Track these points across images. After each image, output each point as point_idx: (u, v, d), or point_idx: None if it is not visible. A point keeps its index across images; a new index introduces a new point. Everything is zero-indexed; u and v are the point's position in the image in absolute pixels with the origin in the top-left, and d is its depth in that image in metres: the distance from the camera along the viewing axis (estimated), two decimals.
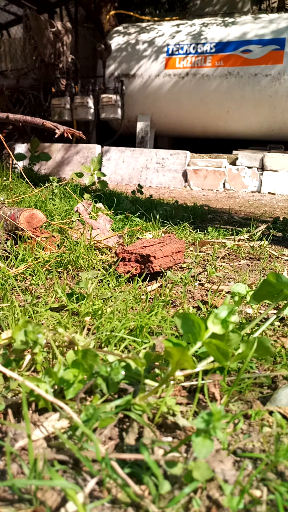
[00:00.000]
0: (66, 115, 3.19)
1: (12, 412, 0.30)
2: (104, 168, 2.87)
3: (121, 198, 1.47)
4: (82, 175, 1.48)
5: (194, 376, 0.36)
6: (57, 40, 3.22)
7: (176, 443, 0.28)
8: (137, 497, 0.23)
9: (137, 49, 3.24)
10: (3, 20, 3.86)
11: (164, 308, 0.50)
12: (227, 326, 0.30)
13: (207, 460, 0.27)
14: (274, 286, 0.36)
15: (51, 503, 0.23)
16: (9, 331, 0.37)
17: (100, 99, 3.11)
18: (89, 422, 0.27)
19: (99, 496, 0.24)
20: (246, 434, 0.30)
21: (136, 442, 0.28)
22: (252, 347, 0.30)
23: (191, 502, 0.24)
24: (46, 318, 0.44)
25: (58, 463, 0.26)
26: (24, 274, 0.60)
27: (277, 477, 0.26)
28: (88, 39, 3.91)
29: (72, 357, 0.31)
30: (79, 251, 0.66)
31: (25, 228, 0.70)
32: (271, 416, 0.32)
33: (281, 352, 0.41)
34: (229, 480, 0.25)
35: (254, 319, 0.41)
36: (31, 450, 0.24)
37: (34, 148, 1.51)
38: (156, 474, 0.24)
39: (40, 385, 0.29)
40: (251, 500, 0.24)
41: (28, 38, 3.17)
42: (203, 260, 0.78)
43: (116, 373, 0.30)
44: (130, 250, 0.62)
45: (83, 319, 0.45)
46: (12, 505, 0.23)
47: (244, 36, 2.81)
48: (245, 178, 2.64)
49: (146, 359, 0.30)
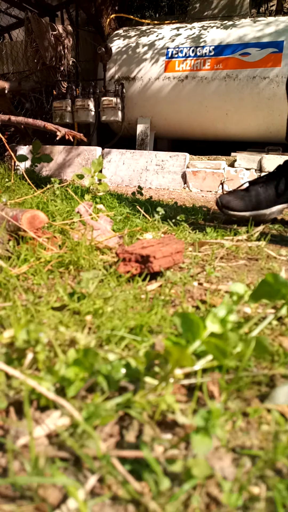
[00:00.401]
0: (67, 117, 3.21)
1: (14, 410, 0.31)
2: (105, 170, 2.88)
3: (121, 199, 1.47)
4: (83, 177, 1.49)
5: (193, 374, 0.36)
6: (58, 43, 3.25)
7: (176, 440, 0.28)
8: (137, 494, 0.24)
9: (137, 52, 3.26)
10: (5, 23, 3.89)
11: (164, 308, 0.51)
12: (225, 325, 0.31)
13: (206, 457, 0.27)
14: (272, 286, 0.36)
15: (52, 499, 0.24)
16: (11, 330, 0.37)
17: (101, 102, 3.13)
18: (90, 419, 0.27)
19: (100, 492, 0.24)
20: (245, 431, 0.30)
21: (136, 439, 0.29)
22: (250, 345, 0.30)
23: (191, 499, 0.24)
24: (47, 317, 0.44)
25: (59, 460, 0.26)
26: (26, 274, 0.61)
27: (275, 474, 0.26)
28: (89, 42, 3.94)
29: (73, 355, 0.31)
30: (80, 251, 0.67)
31: (27, 228, 0.71)
32: (269, 414, 0.32)
33: (278, 350, 0.41)
34: (228, 477, 0.26)
35: (252, 319, 0.41)
36: (32, 447, 0.24)
37: (36, 150, 1.52)
38: (156, 471, 0.25)
39: (41, 383, 0.30)
40: (250, 497, 0.24)
41: (30, 41, 3.19)
42: (202, 260, 0.78)
43: (116, 371, 0.30)
44: (130, 250, 0.62)
45: (84, 318, 0.45)
46: (14, 502, 0.23)
47: (243, 39, 2.83)
48: (243, 179, 2.64)
49: (146, 357, 0.31)
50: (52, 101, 3.29)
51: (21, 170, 1.59)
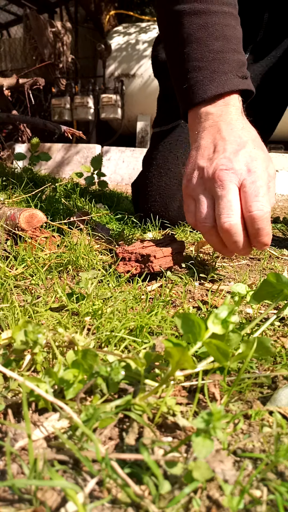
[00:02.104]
0: (66, 115, 3.19)
1: (12, 412, 0.30)
2: (104, 168, 2.88)
3: (121, 198, 1.47)
4: (82, 175, 1.48)
5: (194, 376, 0.36)
6: (57, 40, 3.23)
7: (176, 443, 0.28)
8: (137, 497, 0.23)
9: (137, 49, 3.24)
10: (3, 20, 3.86)
11: (164, 308, 0.50)
12: (227, 326, 0.30)
13: (207, 460, 0.27)
14: (274, 286, 0.36)
15: (51, 503, 0.23)
16: (9, 331, 0.37)
17: (100, 99, 3.11)
18: (89, 422, 0.27)
19: (99, 496, 0.24)
20: (246, 434, 0.30)
21: (136, 442, 0.28)
22: (252, 347, 0.30)
23: (191, 502, 0.24)
24: (46, 318, 0.44)
25: (58, 463, 0.26)
26: (24, 274, 0.60)
27: (277, 477, 0.26)
28: (88, 39, 3.91)
29: (72, 357, 0.31)
30: (79, 251, 0.66)
31: (25, 228, 0.70)
32: (271, 416, 0.32)
33: (281, 352, 0.41)
34: (229, 480, 0.25)
35: (254, 319, 0.41)
36: (31, 450, 0.24)
37: (34, 148, 1.51)
38: (156, 474, 0.24)
39: (40, 385, 0.29)
40: (251, 500, 0.24)
41: (28, 38, 3.17)
42: (203, 260, 0.78)
43: (116, 373, 0.30)
44: (130, 250, 0.62)
45: (83, 319, 0.45)
46: (12, 505, 0.23)
47: None
48: None
49: (146, 359, 0.30)
50: (51, 98, 3.27)
51: (19, 169, 1.58)
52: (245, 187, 0.51)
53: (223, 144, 0.54)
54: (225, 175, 0.52)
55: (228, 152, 0.53)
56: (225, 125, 0.56)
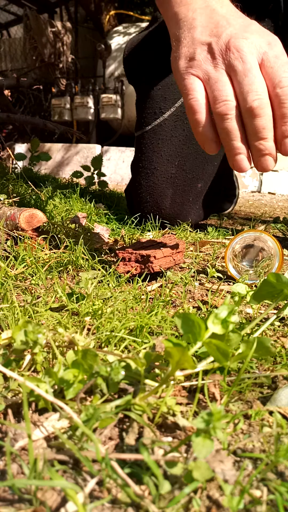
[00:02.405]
0: (66, 115, 3.19)
1: (12, 412, 0.30)
2: (104, 168, 2.87)
3: (121, 198, 1.47)
4: (82, 175, 1.48)
5: (194, 376, 0.36)
6: (57, 40, 3.23)
7: (176, 443, 0.28)
8: (137, 497, 0.23)
9: None
10: (3, 20, 3.86)
11: (164, 308, 0.50)
12: (227, 326, 0.30)
13: (207, 460, 0.27)
14: (274, 286, 0.36)
15: (51, 503, 0.23)
16: (9, 331, 0.37)
17: (100, 99, 3.11)
18: (89, 422, 0.27)
19: (99, 496, 0.24)
20: (246, 434, 0.30)
21: (136, 442, 0.28)
22: (252, 347, 0.30)
23: (191, 502, 0.24)
24: (46, 318, 0.44)
25: (58, 463, 0.26)
26: (24, 274, 0.60)
27: (277, 477, 0.26)
28: (88, 39, 3.91)
29: (72, 357, 0.31)
30: (79, 251, 0.66)
31: (25, 228, 0.70)
32: (271, 416, 0.32)
33: (281, 352, 0.41)
34: (229, 480, 0.25)
35: (254, 319, 0.41)
36: (31, 450, 0.24)
37: (34, 148, 1.51)
38: (156, 474, 0.24)
39: (40, 385, 0.29)
40: (251, 500, 0.24)
41: (28, 38, 3.17)
42: (203, 260, 0.78)
43: (116, 373, 0.30)
44: (130, 250, 0.62)
45: (83, 319, 0.45)
46: (12, 505, 0.23)
47: None
48: (245, 178, 2.64)
49: (146, 359, 0.30)
50: (51, 98, 3.27)
51: (19, 168, 1.58)
52: (268, 61, 0.43)
53: (225, 20, 0.46)
54: (244, 44, 0.43)
55: (237, 25, 0.45)
56: (219, 5, 0.48)
